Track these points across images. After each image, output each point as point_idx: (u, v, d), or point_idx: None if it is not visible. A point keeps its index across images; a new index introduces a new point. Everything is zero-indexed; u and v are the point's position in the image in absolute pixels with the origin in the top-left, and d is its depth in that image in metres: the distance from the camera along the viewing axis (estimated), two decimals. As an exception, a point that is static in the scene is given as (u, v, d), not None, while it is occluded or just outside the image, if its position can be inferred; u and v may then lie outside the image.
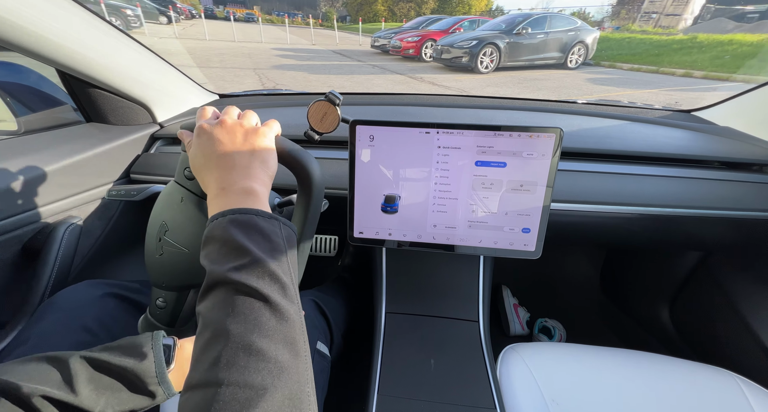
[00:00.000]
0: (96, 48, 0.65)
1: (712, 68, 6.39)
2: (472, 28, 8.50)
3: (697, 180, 0.70)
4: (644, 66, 7.09)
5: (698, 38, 8.30)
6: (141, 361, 0.33)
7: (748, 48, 7.09)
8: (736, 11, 11.88)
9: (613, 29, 13.60)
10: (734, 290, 0.82)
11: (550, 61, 6.99)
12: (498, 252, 0.59)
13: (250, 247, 0.30)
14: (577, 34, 7.02)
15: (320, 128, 0.57)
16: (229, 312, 0.26)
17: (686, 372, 0.60)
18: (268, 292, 0.28)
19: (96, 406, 0.30)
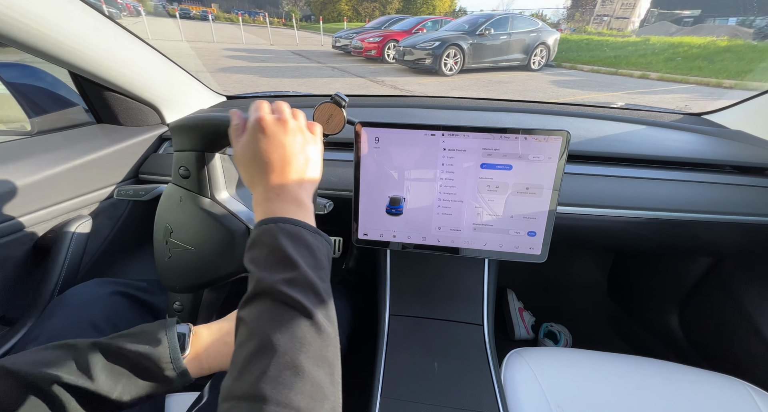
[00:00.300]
0: (107, 50, 0.66)
1: (667, 70, 6.61)
2: (435, 29, 8.29)
3: (708, 184, 0.69)
4: (603, 68, 7.31)
5: (650, 40, 8.71)
6: (155, 347, 0.33)
7: (696, 50, 7.47)
8: (676, 15, 13.14)
9: (570, 31, 13.93)
10: (746, 297, 0.80)
11: (513, 63, 6.99)
12: (503, 255, 0.59)
13: (298, 261, 0.30)
14: (538, 36, 7.03)
15: (326, 130, 0.58)
16: (276, 326, 0.26)
17: (696, 380, 0.58)
18: (314, 310, 0.28)
19: (113, 391, 0.31)
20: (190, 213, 0.47)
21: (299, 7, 21.32)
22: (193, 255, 0.47)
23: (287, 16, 19.67)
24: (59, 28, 0.57)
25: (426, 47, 6.33)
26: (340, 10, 26.92)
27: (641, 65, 7.06)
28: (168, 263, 0.49)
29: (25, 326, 0.58)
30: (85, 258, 0.69)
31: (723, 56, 6.88)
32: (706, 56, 7.00)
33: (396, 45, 7.29)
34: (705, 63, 6.66)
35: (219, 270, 0.48)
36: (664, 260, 1.00)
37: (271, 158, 0.35)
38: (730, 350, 0.81)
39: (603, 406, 0.54)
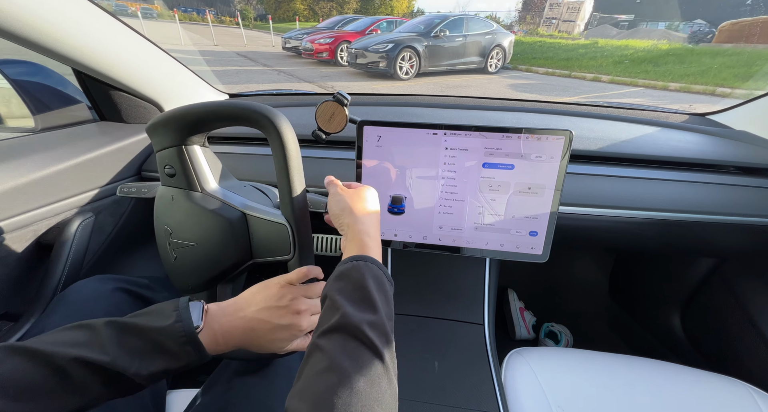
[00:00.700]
0: (111, 47, 0.67)
1: (617, 73, 6.72)
2: (390, 30, 7.91)
3: (712, 185, 0.69)
4: (558, 70, 7.33)
5: (599, 43, 8.92)
6: (168, 322, 0.34)
7: (642, 53, 7.62)
8: (614, 19, 14.07)
9: (523, 33, 14.24)
10: (749, 299, 0.80)
11: (471, 66, 6.79)
12: (504, 255, 0.58)
13: (379, 306, 0.33)
14: (494, 38, 6.85)
15: (328, 128, 0.58)
16: (357, 366, 0.28)
17: (697, 382, 0.58)
18: (388, 359, 0.30)
19: (130, 367, 0.31)
20: (184, 210, 0.48)
21: (252, 5, 20.50)
22: (196, 251, 0.48)
23: (240, 15, 18.73)
24: (62, 24, 0.57)
25: (379, 50, 5.94)
26: (295, 9, 25.50)
27: (592, 68, 7.15)
28: (175, 263, 0.49)
29: (28, 322, 0.59)
30: (87, 255, 0.70)
31: (666, 59, 7.07)
32: (651, 59, 7.16)
33: (348, 47, 6.83)
34: (651, 66, 6.83)
35: (225, 260, 0.48)
36: (666, 261, 1.00)
37: (355, 208, 0.43)
38: (732, 351, 0.81)
39: (603, 406, 0.54)
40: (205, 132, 0.48)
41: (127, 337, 0.32)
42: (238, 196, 0.50)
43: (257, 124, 0.42)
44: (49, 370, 0.28)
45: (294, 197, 0.44)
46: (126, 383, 0.31)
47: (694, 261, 0.92)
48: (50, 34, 0.57)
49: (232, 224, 0.47)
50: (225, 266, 0.49)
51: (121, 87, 0.75)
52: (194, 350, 0.34)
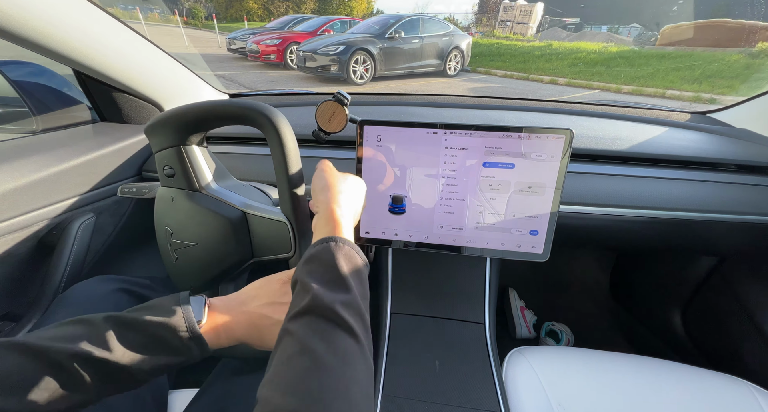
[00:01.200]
0: (111, 48, 0.67)
1: (572, 75, 6.77)
2: (344, 30, 7.54)
3: (713, 183, 0.69)
4: (516, 73, 7.31)
5: (553, 45, 9.02)
6: (170, 316, 0.33)
7: (594, 56, 7.73)
8: (563, 22, 14.71)
9: (480, 35, 14.46)
10: (750, 297, 0.80)
11: (429, 69, 6.51)
12: (505, 254, 0.58)
13: (352, 285, 0.31)
14: (451, 40, 6.59)
15: (328, 128, 0.58)
16: (331, 347, 0.27)
17: (698, 380, 0.58)
18: (363, 339, 0.29)
19: (131, 363, 0.30)
20: (184, 210, 0.48)
21: (202, 3, 18.97)
22: (197, 251, 0.48)
23: (189, 14, 17.14)
24: (62, 25, 0.57)
25: (329, 52, 5.52)
26: (248, 8, 23.59)
27: (549, 71, 7.18)
28: (176, 264, 0.49)
29: (30, 323, 0.59)
30: (88, 255, 0.70)
31: (617, 62, 7.21)
32: (603, 62, 7.29)
33: (296, 49, 6.27)
34: (603, 69, 6.94)
35: (226, 260, 0.49)
36: (667, 260, 1.00)
37: (334, 188, 0.42)
38: (733, 349, 0.81)
39: (604, 405, 0.54)
40: (203, 132, 0.48)
41: (127, 332, 0.31)
42: (237, 195, 0.50)
43: (255, 122, 0.43)
44: (46, 365, 0.28)
45: (293, 194, 0.44)
46: (126, 379, 0.31)
47: (695, 260, 0.92)
48: (50, 35, 0.57)
49: (232, 223, 0.47)
50: (226, 265, 0.49)
51: (122, 87, 0.75)
52: (196, 345, 0.33)
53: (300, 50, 5.96)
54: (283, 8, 23.88)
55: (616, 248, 1.10)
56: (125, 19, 0.61)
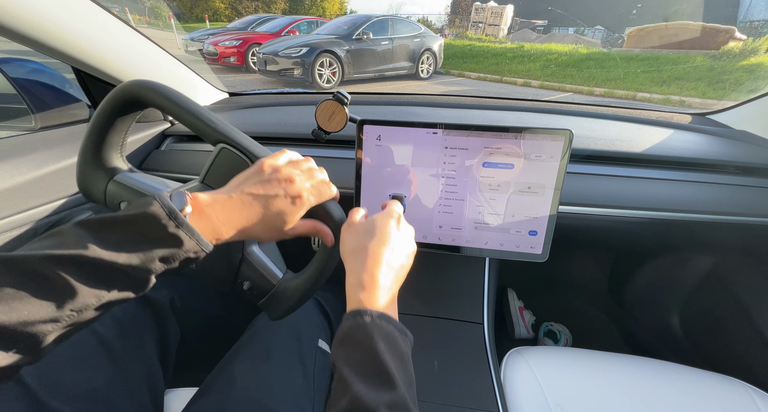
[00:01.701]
0: (110, 46, 0.66)
1: (545, 78, 6.72)
2: (310, 31, 7.15)
3: (712, 185, 0.69)
4: (489, 75, 7.22)
5: (525, 47, 8.94)
6: (149, 208, 0.29)
7: (565, 58, 7.74)
8: (532, 24, 15.12)
9: (453, 36, 14.52)
10: (748, 298, 0.80)
11: (401, 72, 6.24)
12: (504, 254, 0.59)
13: (396, 377, 0.28)
14: (423, 41, 6.34)
15: (328, 128, 0.58)
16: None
17: (696, 381, 0.58)
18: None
19: (117, 257, 0.26)
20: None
21: (166, 2, 17.12)
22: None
23: (152, 13, 15.44)
24: (62, 22, 0.57)
25: (291, 55, 5.13)
26: (214, 8, 22.20)
27: (522, 73, 7.13)
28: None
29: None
30: None
31: (588, 64, 7.21)
32: (574, 64, 7.31)
33: (256, 51, 5.82)
34: (575, 71, 6.94)
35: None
36: (665, 260, 1.00)
37: (393, 248, 0.38)
38: (731, 350, 0.81)
39: (602, 406, 0.54)
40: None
41: (102, 232, 0.27)
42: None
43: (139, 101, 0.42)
44: (22, 275, 0.24)
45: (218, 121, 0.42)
46: (120, 278, 0.27)
47: (694, 261, 0.92)
48: (49, 32, 0.57)
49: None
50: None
51: None
52: (187, 234, 0.29)
53: (260, 52, 5.55)
54: (252, 8, 22.35)
55: (614, 248, 1.10)
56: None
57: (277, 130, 0.80)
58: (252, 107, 0.97)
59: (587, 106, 0.95)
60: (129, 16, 12.35)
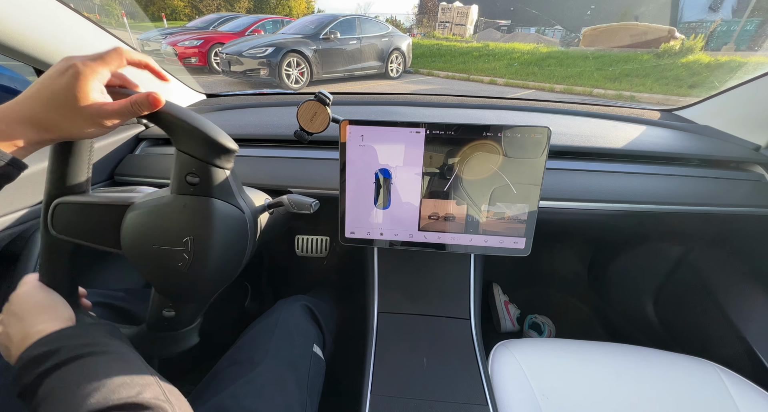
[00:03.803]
0: (74, 45, 0.63)
1: (509, 76, 7.02)
2: (276, 30, 6.97)
3: (678, 177, 0.73)
4: (457, 74, 7.45)
5: (490, 46, 9.33)
6: None
7: (527, 56, 8.08)
8: (496, 24, 15.96)
9: (421, 36, 14.93)
10: (713, 283, 0.85)
11: (370, 71, 6.26)
12: (488, 250, 0.60)
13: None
14: (391, 41, 6.37)
15: (310, 128, 0.57)
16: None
17: (669, 363, 0.61)
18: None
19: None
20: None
21: (118, 0, 15.27)
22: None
23: (103, 11, 13.78)
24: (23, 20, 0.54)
25: (256, 55, 4.99)
26: (173, 6, 20.72)
27: (488, 71, 7.38)
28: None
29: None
30: None
31: (548, 62, 7.55)
32: (536, 62, 7.62)
33: (219, 51, 5.62)
34: (536, 68, 7.24)
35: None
36: (639, 251, 1.05)
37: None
38: (701, 333, 0.86)
39: (584, 391, 0.57)
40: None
41: None
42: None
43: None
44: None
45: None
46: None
47: (665, 250, 0.97)
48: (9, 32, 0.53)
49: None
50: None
51: None
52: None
53: (223, 52, 5.35)
54: (213, 7, 21.05)
55: (592, 240, 1.15)
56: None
57: (259, 132, 0.79)
58: (231, 109, 0.95)
59: (563, 104, 0.98)
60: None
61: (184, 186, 0.41)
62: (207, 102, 1.02)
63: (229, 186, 0.44)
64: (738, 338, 0.75)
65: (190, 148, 0.41)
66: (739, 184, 0.72)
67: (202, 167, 0.41)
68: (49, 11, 0.58)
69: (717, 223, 0.74)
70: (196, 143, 0.41)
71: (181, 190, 0.42)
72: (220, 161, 0.43)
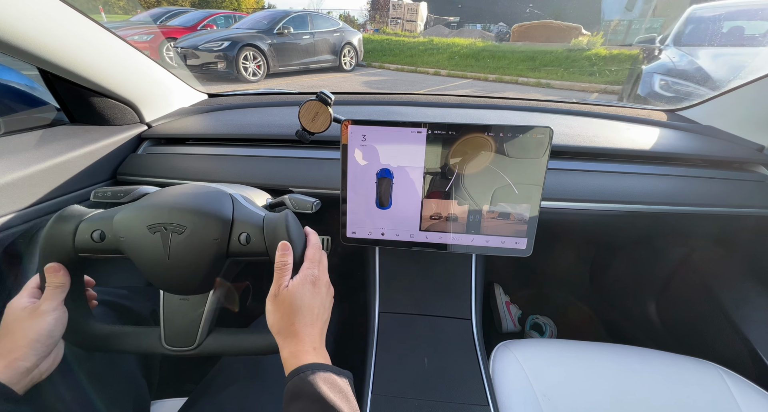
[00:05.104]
0: (79, 45, 0.63)
1: (451, 67, 7.79)
2: (228, 26, 7.11)
3: (681, 178, 0.72)
4: (406, 66, 8.19)
5: (434, 41, 10.23)
6: None
7: (465, 50, 9.01)
8: (446, 20, 16.88)
9: (374, 31, 15.47)
10: (716, 284, 0.84)
11: (324, 64, 6.70)
12: (490, 251, 0.60)
13: (341, 408, 0.33)
14: (342, 36, 6.79)
15: (312, 128, 0.57)
16: None
17: (671, 364, 0.61)
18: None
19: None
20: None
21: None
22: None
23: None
24: (28, 20, 0.54)
25: (212, 48, 5.14)
26: (112, 1, 18.86)
27: (432, 63, 8.23)
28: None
29: None
30: None
31: (483, 55, 8.52)
32: (473, 55, 8.57)
33: (174, 45, 5.71)
34: (473, 61, 8.15)
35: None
36: (641, 252, 1.04)
37: (314, 312, 0.40)
38: (702, 334, 0.86)
39: (585, 393, 0.57)
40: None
41: None
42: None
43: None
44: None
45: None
46: None
47: (668, 251, 0.97)
48: (14, 31, 0.53)
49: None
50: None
51: (93, 87, 0.71)
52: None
53: (178, 46, 5.41)
54: (154, 0, 19.82)
55: (594, 241, 1.15)
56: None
57: (261, 132, 0.79)
58: (233, 108, 0.95)
59: (565, 104, 0.98)
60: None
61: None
62: (208, 102, 1.02)
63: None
64: (741, 339, 0.75)
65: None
66: (742, 185, 0.72)
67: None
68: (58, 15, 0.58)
69: (720, 224, 0.74)
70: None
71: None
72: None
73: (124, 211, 0.44)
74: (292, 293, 0.40)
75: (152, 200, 0.45)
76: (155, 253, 0.42)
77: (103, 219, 0.43)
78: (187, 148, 0.81)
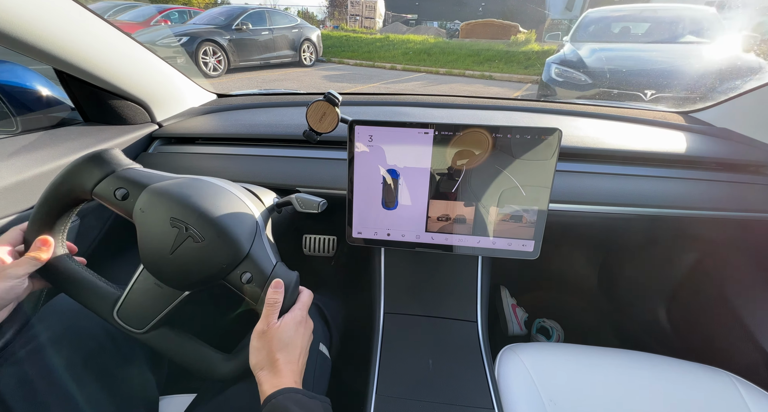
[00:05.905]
0: (94, 47, 0.65)
1: (405, 62, 8.38)
2: (183, 21, 7.02)
3: (694, 181, 0.71)
4: (364, 61, 8.70)
5: (390, 37, 10.97)
6: None
7: (419, 45, 9.76)
8: (404, 18, 17.93)
9: (333, 28, 15.80)
10: (730, 291, 0.82)
11: (285, 60, 6.90)
12: (496, 253, 0.59)
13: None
14: (301, 32, 7.00)
15: (319, 128, 0.58)
16: None
17: (683, 372, 0.60)
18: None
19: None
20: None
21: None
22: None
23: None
24: (43, 22, 0.56)
25: (170, 44, 5.09)
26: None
27: (388, 59, 8.82)
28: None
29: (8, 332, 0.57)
30: None
31: (435, 50, 9.17)
32: (426, 50, 9.21)
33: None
34: (426, 56, 8.78)
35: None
36: (652, 256, 1.02)
37: (297, 351, 0.43)
38: (716, 341, 0.84)
39: (593, 399, 0.55)
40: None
41: None
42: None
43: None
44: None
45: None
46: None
47: (680, 255, 0.95)
48: (32, 32, 0.55)
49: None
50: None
51: (106, 87, 0.73)
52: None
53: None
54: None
55: (603, 244, 1.13)
56: None
57: (268, 132, 0.80)
58: (241, 108, 0.96)
59: (575, 106, 0.96)
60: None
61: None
62: (217, 102, 1.03)
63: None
64: (755, 347, 0.73)
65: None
66: (759, 189, 0.70)
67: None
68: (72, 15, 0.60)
69: (733, 228, 0.72)
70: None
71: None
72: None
73: (160, 186, 0.43)
74: (282, 330, 0.41)
75: (188, 192, 0.43)
76: (162, 242, 0.42)
77: (136, 184, 0.42)
78: (196, 147, 0.83)
